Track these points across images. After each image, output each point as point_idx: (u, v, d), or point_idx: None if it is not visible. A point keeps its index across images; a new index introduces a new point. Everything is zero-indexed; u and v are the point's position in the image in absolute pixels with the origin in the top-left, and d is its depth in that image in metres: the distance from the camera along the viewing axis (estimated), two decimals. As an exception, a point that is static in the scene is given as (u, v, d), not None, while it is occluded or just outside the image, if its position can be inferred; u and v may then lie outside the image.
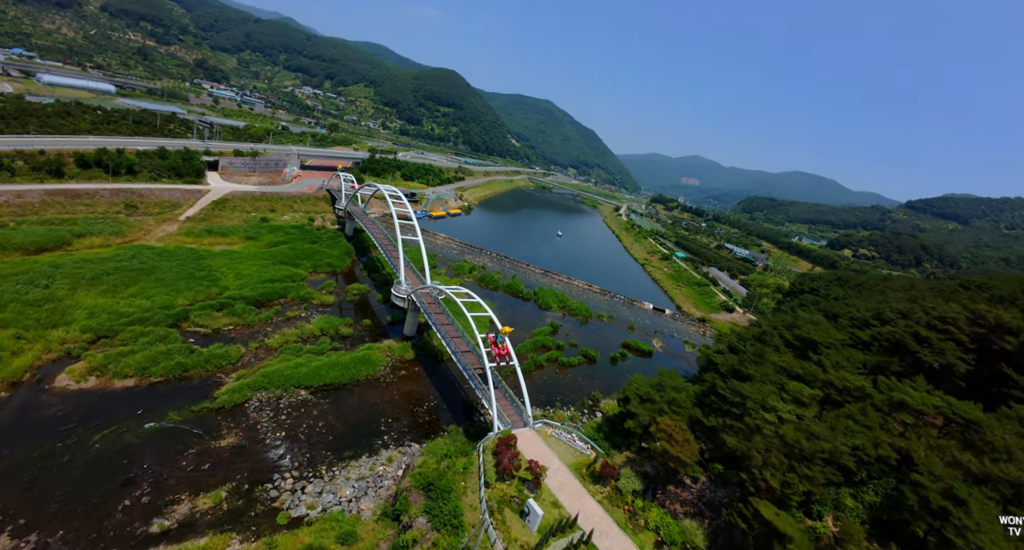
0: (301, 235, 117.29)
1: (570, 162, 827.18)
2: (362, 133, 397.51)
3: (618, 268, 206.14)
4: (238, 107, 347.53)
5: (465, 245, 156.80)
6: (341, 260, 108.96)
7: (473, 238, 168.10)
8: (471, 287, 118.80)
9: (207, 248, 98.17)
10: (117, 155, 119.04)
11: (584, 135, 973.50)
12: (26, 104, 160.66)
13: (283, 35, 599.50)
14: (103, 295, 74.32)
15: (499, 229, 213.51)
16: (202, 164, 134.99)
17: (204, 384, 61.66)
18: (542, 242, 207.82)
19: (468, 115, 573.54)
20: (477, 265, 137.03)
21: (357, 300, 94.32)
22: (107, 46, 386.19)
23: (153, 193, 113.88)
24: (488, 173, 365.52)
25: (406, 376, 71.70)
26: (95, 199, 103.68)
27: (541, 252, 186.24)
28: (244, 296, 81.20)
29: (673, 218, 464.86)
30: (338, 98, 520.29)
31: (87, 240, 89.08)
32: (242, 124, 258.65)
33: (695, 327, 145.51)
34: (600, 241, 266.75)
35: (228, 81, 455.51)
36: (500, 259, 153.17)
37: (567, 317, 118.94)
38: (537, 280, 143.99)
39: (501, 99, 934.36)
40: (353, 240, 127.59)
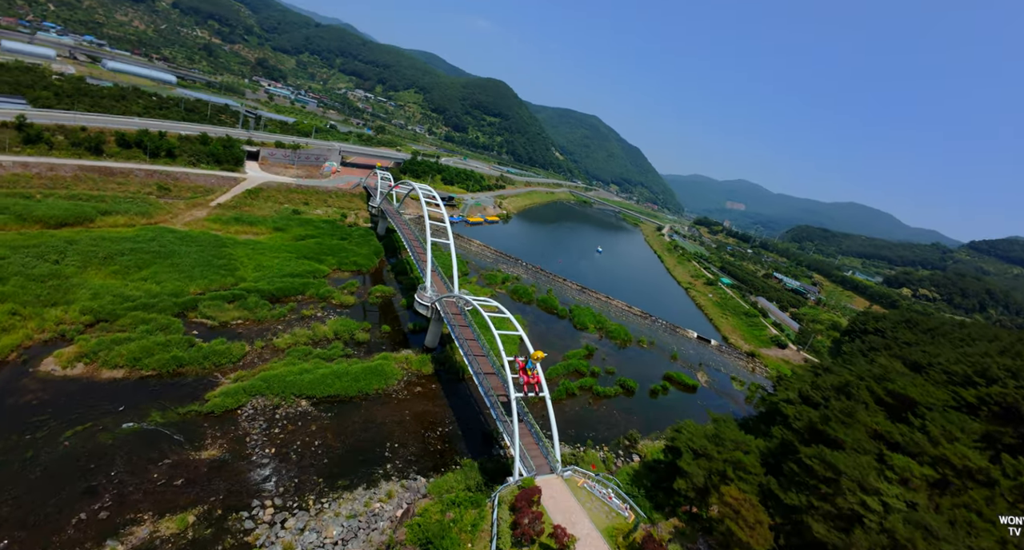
0: (331, 230, 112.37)
1: (613, 178, 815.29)
2: (408, 137, 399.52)
3: (659, 290, 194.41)
4: (291, 104, 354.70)
5: (500, 254, 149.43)
6: (368, 259, 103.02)
7: (509, 247, 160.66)
8: (503, 299, 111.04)
9: (232, 236, 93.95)
10: (158, 137, 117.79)
11: (629, 152, 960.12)
12: (83, 85, 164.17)
13: (341, 40, 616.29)
14: (113, 276, 69.99)
15: (536, 240, 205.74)
16: (242, 153, 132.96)
17: (198, 383, 55.44)
18: (580, 257, 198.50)
19: (513, 125, 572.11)
20: (511, 276, 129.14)
21: (379, 303, 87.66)
22: (175, 41, 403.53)
23: (188, 177, 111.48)
24: (529, 183, 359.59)
25: (421, 394, 63.82)
26: (128, 178, 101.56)
27: (579, 267, 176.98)
28: (259, 289, 75.65)
29: (717, 242, 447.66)
30: (388, 102, 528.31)
31: (111, 218, 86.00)
32: (291, 120, 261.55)
33: (743, 362, 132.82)
34: (641, 260, 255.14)
35: (285, 80, 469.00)
36: (536, 271, 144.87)
37: (604, 340, 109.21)
38: (573, 297, 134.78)
39: (548, 112, 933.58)
40: (384, 240, 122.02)
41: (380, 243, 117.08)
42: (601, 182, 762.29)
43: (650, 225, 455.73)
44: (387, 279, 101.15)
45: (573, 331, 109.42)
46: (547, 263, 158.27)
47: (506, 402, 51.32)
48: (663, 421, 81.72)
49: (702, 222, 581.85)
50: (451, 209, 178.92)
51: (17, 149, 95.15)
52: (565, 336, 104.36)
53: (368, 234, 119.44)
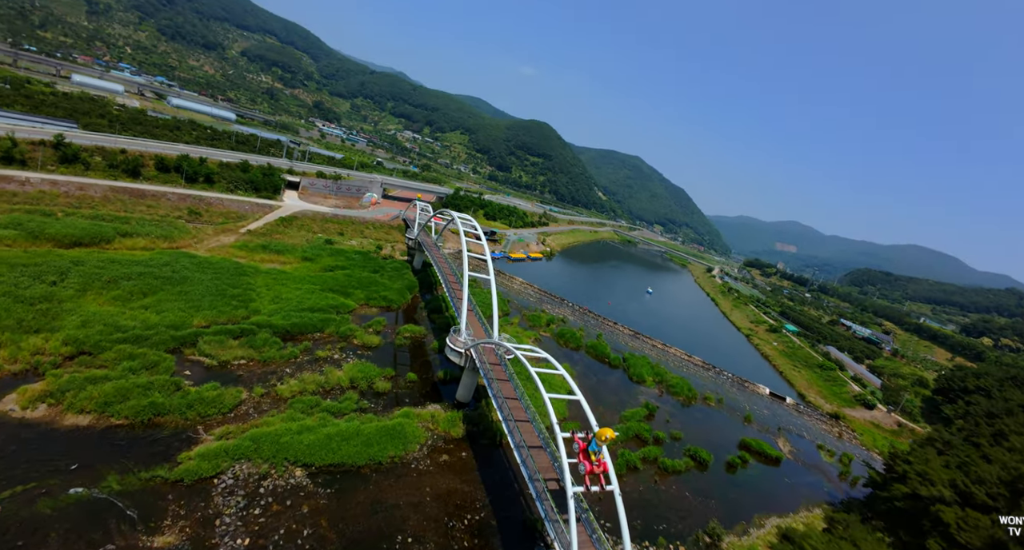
0: (363, 262, 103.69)
1: (656, 219, 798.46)
2: (452, 175, 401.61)
3: (717, 337, 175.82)
4: (342, 143, 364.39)
5: (544, 293, 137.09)
6: (400, 295, 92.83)
7: (553, 286, 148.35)
8: (548, 344, 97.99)
9: (255, 264, 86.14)
10: (198, 163, 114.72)
11: (673, 193, 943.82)
12: (141, 116, 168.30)
13: (393, 85, 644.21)
14: (112, 302, 61.90)
15: (582, 279, 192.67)
16: (281, 181, 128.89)
17: (175, 438, 44.68)
18: (629, 298, 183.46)
19: (557, 166, 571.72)
20: (556, 317, 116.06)
21: (408, 345, 76.28)
22: (240, 84, 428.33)
23: (222, 202, 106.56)
24: (573, 222, 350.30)
25: (448, 465, 50.71)
26: (160, 201, 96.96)
27: (628, 309, 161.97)
28: (272, 324, 65.91)
29: (772, 285, 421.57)
30: (434, 142, 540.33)
31: (130, 240, 79.82)
32: (340, 155, 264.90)
33: (826, 425, 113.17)
34: (693, 303, 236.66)
35: (339, 122, 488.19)
36: (583, 313, 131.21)
37: (665, 396, 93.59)
38: (626, 343, 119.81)
39: (591, 153, 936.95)
40: (420, 274, 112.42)
41: (415, 277, 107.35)
42: (645, 222, 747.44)
43: (699, 266, 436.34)
44: (419, 317, 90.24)
45: (628, 384, 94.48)
46: (595, 304, 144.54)
47: (558, 491, 37.79)
48: (747, 506, 65.30)
49: (753, 264, 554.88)
50: (493, 244, 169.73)
51: (52, 167, 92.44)
52: (620, 390, 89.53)
53: (403, 267, 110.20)
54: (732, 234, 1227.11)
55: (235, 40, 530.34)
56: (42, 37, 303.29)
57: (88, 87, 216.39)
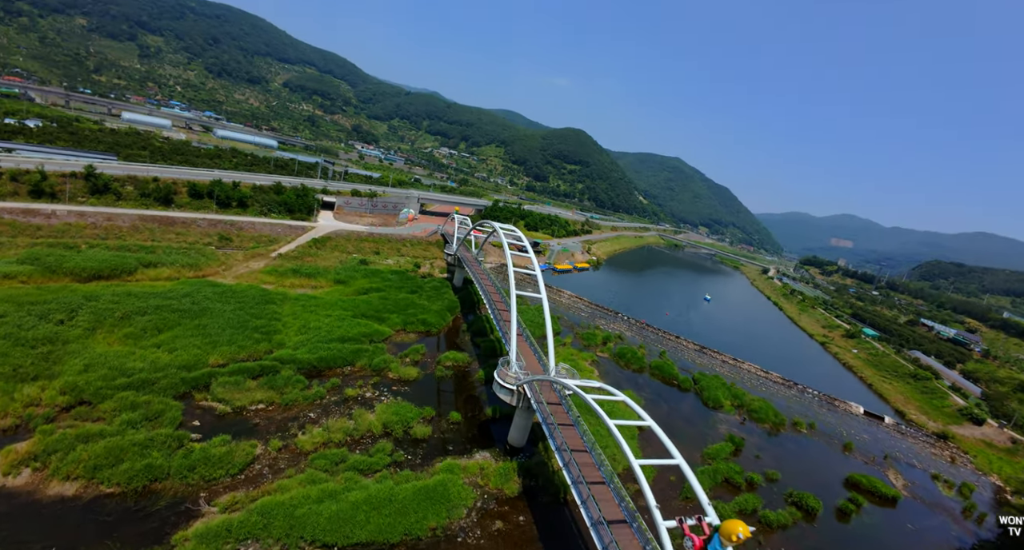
0: (400, 282, 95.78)
1: (701, 220, 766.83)
2: (490, 188, 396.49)
3: (789, 346, 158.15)
4: (380, 162, 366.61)
5: (596, 306, 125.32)
6: (440, 317, 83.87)
7: (604, 298, 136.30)
8: (607, 367, 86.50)
9: (283, 290, 79.48)
10: (231, 187, 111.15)
11: (716, 192, 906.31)
12: (183, 146, 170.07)
13: (428, 104, 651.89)
14: (123, 340, 55.64)
15: (633, 288, 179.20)
16: (315, 201, 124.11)
17: (171, 510, 36.45)
18: (687, 307, 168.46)
19: (595, 172, 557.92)
20: (612, 334, 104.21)
21: (450, 376, 66.83)
22: (283, 114, 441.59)
23: (254, 226, 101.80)
24: (616, 228, 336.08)
25: (503, 535, 40.18)
26: (189, 228, 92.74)
27: (688, 319, 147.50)
28: (297, 359, 57.99)
29: (835, 284, 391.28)
30: (471, 157, 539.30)
31: (154, 270, 74.79)
32: (377, 174, 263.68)
33: (934, 448, 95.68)
34: (755, 309, 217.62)
35: (377, 143, 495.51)
36: (641, 327, 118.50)
37: (747, 423, 79.92)
38: (692, 360, 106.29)
39: (628, 157, 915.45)
40: (461, 292, 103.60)
41: (456, 296, 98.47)
42: (689, 224, 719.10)
43: (752, 267, 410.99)
44: (462, 342, 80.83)
45: (703, 410, 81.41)
46: (652, 316, 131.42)
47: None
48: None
49: (811, 262, 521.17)
50: (537, 256, 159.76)
51: (82, 199, 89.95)
52: (695, 419, 76.71)
53: (443, 286, 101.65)
54: (782, 232, 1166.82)
55: (277, 73, 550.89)
56: (97, 80, 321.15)
57: (137, 123, 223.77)
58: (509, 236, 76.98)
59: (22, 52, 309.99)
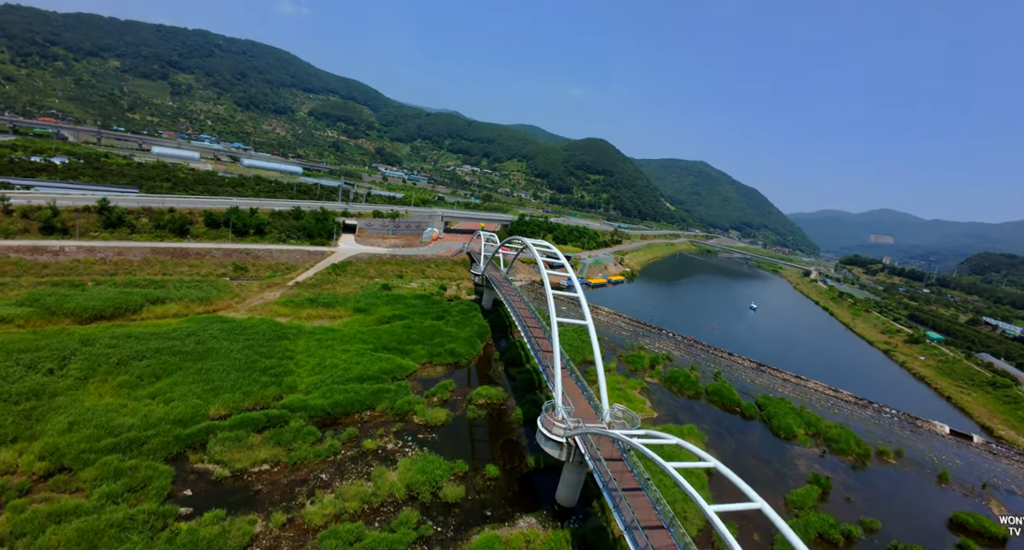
0: (425, 308, 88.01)
1: (731, 224, 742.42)
2: (514, 202, 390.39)
3: (849, 356, 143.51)
4: (403, 183, 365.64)
5: (637, 323, 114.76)
6: (470, 346, 75.36)
7: (644, 313, 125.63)
8: (659, 394, 76.24)
9: (298, 323, 72.52)
10: (249, 214, 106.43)
11: (745, 194, 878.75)
12: (207, 176, 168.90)
13: (448, 124, 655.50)
14: (116, 391, 49.04)
15: (672, 300, 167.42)
16: (335, 225, 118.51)
17: (142, 628, 28.55)
18: (733, 318, 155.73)
19: (619, 181, 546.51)
20: (659, 355, 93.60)
21: (483, 417, 57.92)
22: (309, 141, 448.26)
23: (271, 254, 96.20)
24: (646, 237, 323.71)
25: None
26: (203, 260, 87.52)
27: (735, 331, 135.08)
28: (309, 406, 50.23)
29: (882, 283, 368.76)
30: (493, 173, 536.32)
31: (161, 307, 68.97)
32: (400, 194, 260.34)
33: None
34: (805, 316, 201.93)
35: (400, 164, 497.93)
36: (689, 345, 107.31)
37: (827, 455, 68.40)
38: (750, 379, 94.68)
39: (651, 164, 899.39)
40: (491, 315, 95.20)
41: (485, 320, 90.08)
42: (719, 229, 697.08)
43: (792, 270, 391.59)
44: (495, 373, 72.03)
45: (774, 442, 70.16)
46: (698, 331, 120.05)
47: None
48: None
49: (853, 261, 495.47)
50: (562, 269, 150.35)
51: (94, 233, 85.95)
52: (767, 453, 65.57)
53: (471, 309, 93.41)
54: (817, 231, 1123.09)
55: (302, 102, 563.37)
56: (131, 118, 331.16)
57: (166, 156, 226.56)
58: (543, 252, 68.43)
59: (58, 94, 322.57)
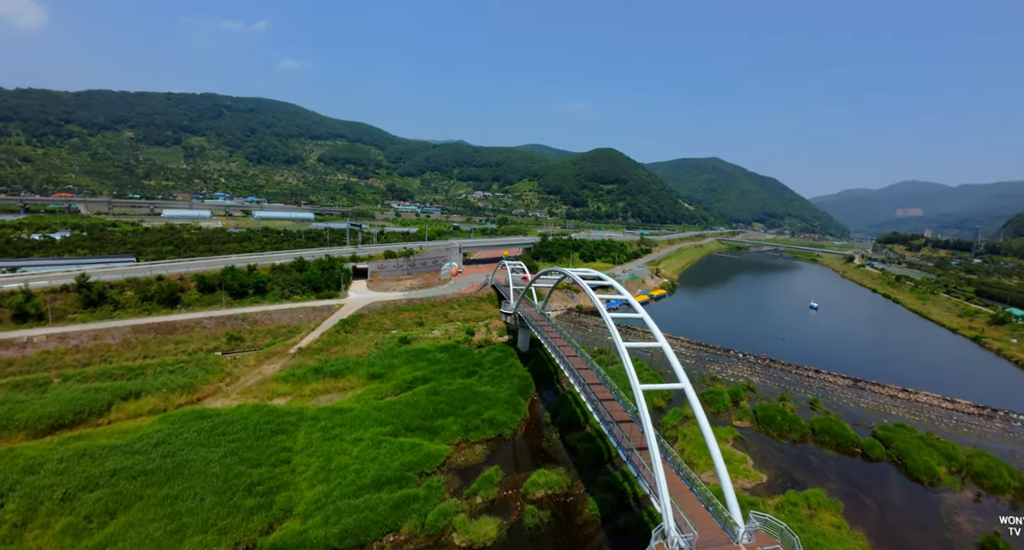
0: (452, 362, 73.22)
1: (753, 217, 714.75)
2: (530, 223, 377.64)
3: (934, 348, 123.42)
4: (416, 217, 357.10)
5: (699, 345, 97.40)
6: (512, 409, 59.99)
7: (700, 331, 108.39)
8: (754, 440, 59.38)
9: (300, 405, 58.41)
10: (246, 273, 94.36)
11: (763, 185, 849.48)
12: (213, 234, 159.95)
13: (455, 153, 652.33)
14: (59, 540, 35.37)
15: (722, 310, 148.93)
16: (343, 272, 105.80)
17: None
18: (794, 321, 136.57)
19: (633, 187, 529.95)
20: (738, 386, 76.42)
21: (546, 521, 42.10)
22: (320, 187, 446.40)
23: (270, 317, 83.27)
24: (672, 241, 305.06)
25: None
26: (192, 333, 74.91)
27: (804, 337, 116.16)
28: (308, 541, 35.52)
29: (931, 259, 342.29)
30: (505, 196, 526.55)
31: (134, 404, 55.86)
32: (414, 229, 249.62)
33: None
34: (868, 307, 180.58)
35: (412, 198, 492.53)
36: (765, 365, 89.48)
37: (984, 497, 50.79)
38: (852, 401, 76.83)
39: (663, 167, 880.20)
40: (530, 359, 79.92)
41: (524, 367, 74.80)
42: (741, 223, 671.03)
43: (831, 257, 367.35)
44: (549, 443, 56.18)
45: (914, 490, 53.18)
46: (767, 345, 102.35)
47: None
48: None
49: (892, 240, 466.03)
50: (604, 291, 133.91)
51: (73, 316, 74.40)
52: (916, 512, 48.49)
53: (506, 355, 78.33)
54: (842, 213, 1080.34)
55: (311, 150, 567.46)
56: (147, 185, 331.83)
57: (176, 218, 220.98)
58: (585, 278, 53.62)
59: (74, 170, 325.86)
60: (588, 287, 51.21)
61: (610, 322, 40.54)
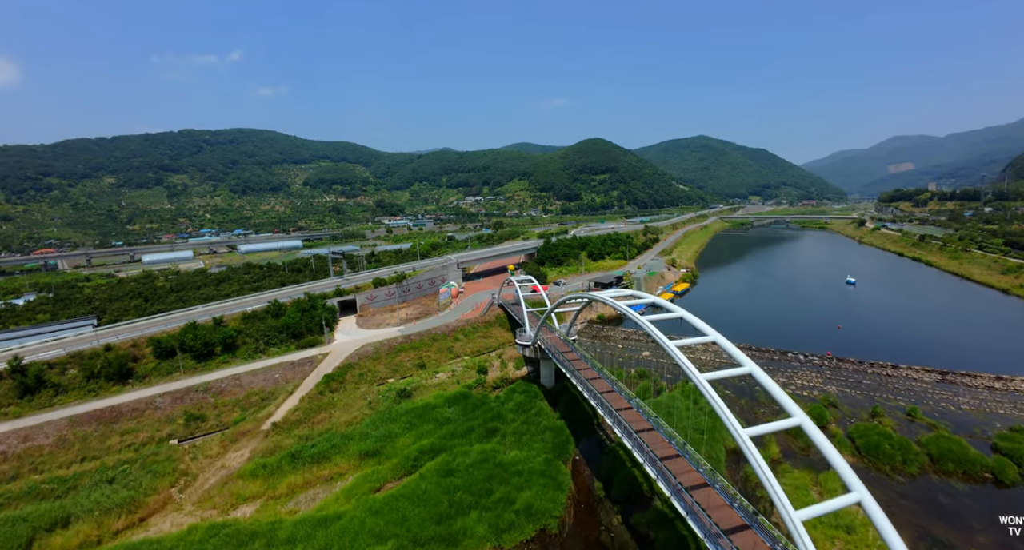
0: (465, 419, 58.03)
1: (748, 190, 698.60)
2: (526, 223, 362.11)
3: (994, 315, 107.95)
4: (408, 231, 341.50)
5: (748, 349, 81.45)
6: (552, 485, 44.84)
7: (738, 326, 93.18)
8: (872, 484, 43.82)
9: (271, 517, 43.13)
10: (212, 328, 79.27)
11: (755, 157, 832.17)
12: (189, 279, 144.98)
13: (441, 161, 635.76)
14: None
15: (753, 296, 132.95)
16: (326, 313, 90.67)
17: None
18: (834, 300, 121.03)
19: (626, 175, 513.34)
20: (818, 402, 61.31)
21: None
22: (308, 211, 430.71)
23: (239, 382, 68.12)
24: (676, 225, 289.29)
25: None
26: (141, 419, 59.79)
27: (851, 321, 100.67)
28: None
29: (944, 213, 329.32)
30: (497, 198, 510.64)
31: (62, 535, 40.88)
32: (407, 245, 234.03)
33: None
34: (903, 274, 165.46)
35: (403, 212, 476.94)
36: (834, 367, 74.04)
37: None
38: (947, 402, 61.94)
39: (652, 151, 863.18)
40: (560, 398, 64.92)
41: (554, 411, 59.74)
42: (738, 198, 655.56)
43: (839, 222, 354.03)
44: (611, 537, 40.95)
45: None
46: (825, 339, 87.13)
47: None
48: None
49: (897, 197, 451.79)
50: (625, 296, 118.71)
51: (7, 408, 59.50)
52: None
53: (528, 396, 63.20)
54: (835, 175, 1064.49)
55: (296, 175, 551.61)
56: (131, 230, 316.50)
57: (157, 263, 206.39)
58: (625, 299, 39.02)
59: (56, 223, 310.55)
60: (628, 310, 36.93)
61: (676, 351, 25.70)
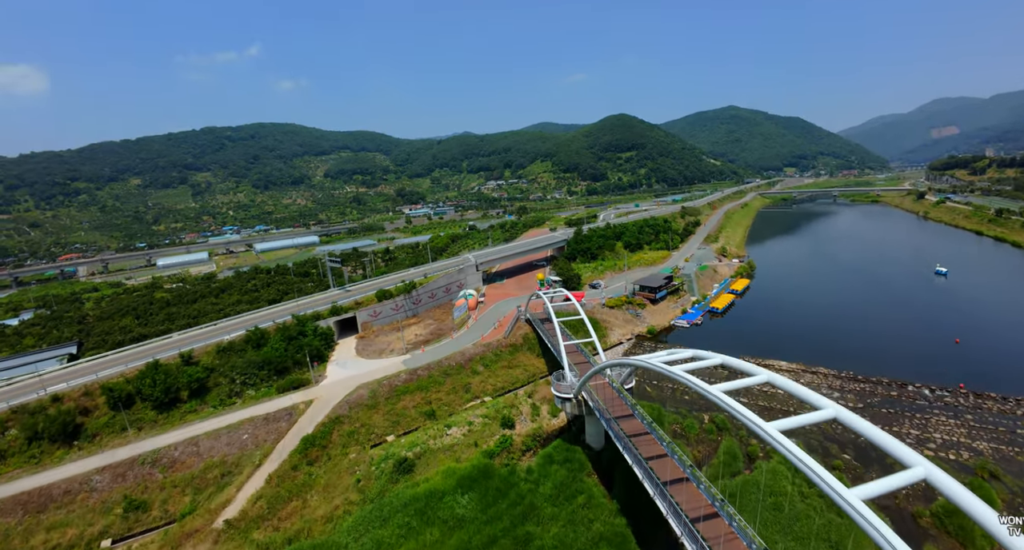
0: (485, 516, 40.49)
1: (783, 162, 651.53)
2: (550, 206, 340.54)
3: None
4: (428, 220, 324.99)
5: (847, 378, 61.38)
6: None
7: (822, 340, 72.70)
8: None
9: None
10: (178, 369, 64.01)
11: (789, 126, 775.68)
12: (189, 289, 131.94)
13: (462, 146, 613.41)
14: None
15: (827, 296, 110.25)
16: (318, 339, 74.48)
17: None
18: (929, 298, 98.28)
19: (654, 151, 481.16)
20: (975, 474, 41.15)
21: None
22: (329, 203, 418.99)
23: (196, 448, 52.48)
24: (713, 204, 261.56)
25: None
26: (73, 506, 44.90)
27: (961, 330, 78.23)
28: None
29: (1008, 181, 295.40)
30: (519, 181, 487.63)
31: None
32: (426, 237, 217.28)
33: None
34: (990, 258, 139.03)
35: (424, 199, 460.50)
36: (973, 408, 53.21)
37: None
38: None
39: (678, 125, 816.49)
40: (615, 470, 46.80)
41: (608, 494, 41.73)
42: (772, 171, 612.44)
43: (893, 195, 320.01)
44: None
45: None
46: (939, 355, 65.91)
47: None
48: None
49: (952, 164, 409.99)
50: (676, 297, 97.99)
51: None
52: None
53: (571, 470, 45.42)
54: (873, 142, 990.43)
55: (316, 167, 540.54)
56: (156, 231, 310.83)
57: (171, 267, 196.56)
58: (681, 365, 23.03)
59: (84, 226, 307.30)
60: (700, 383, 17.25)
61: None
